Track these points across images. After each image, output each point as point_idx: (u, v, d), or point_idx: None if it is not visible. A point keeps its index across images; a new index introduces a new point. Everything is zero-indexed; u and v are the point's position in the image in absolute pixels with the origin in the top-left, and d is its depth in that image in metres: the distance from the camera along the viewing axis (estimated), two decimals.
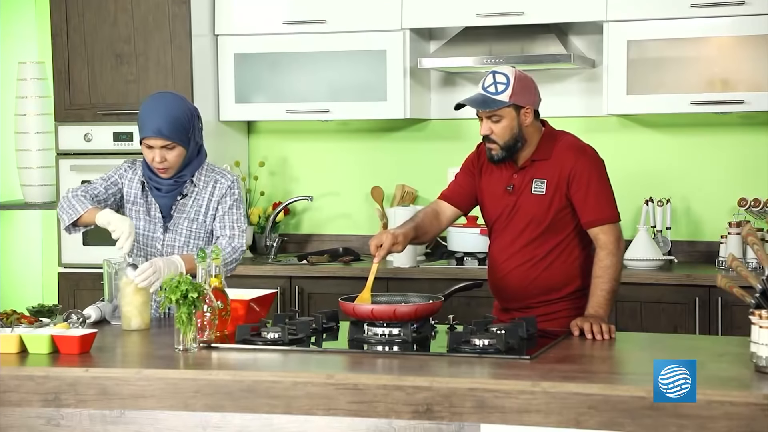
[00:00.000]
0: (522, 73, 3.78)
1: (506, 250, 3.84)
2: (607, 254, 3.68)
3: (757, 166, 5.33)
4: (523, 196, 3.78)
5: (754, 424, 2.71)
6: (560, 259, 3.79)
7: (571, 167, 3.73)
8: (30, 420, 3.17)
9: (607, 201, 3.75)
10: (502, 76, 3.72)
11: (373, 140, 5.88)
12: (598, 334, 3.48)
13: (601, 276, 3.67)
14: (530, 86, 3.77)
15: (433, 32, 5.70)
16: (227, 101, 5.69)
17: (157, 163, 3.91)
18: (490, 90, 3.71)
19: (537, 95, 3.80)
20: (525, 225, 3.79)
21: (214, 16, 5.66)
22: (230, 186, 4.03)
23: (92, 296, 4.56)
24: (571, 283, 3.80)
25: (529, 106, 3.74)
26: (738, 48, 5.09)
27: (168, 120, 3.87)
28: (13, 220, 6.26)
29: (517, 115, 3.73)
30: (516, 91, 3.70)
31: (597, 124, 5.52)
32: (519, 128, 3.73)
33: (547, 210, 3.75)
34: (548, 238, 3.77)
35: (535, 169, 3.78)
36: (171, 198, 4.00)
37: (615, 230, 3.72)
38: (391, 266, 5.32)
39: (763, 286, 3.11)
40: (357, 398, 2.95)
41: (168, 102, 3.95)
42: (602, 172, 3.79)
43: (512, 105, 3.71)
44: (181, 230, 3.99)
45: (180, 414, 3.10)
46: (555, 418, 2.84)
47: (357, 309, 3.51)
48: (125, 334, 3.63)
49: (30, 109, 5.89)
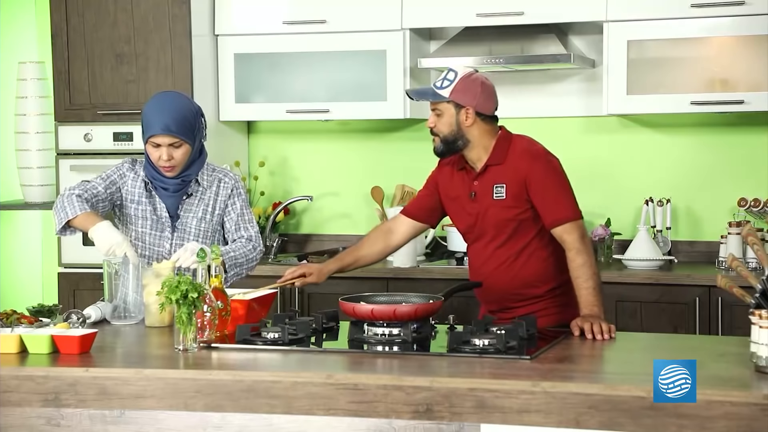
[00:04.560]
0: (476, 76, 3.81)
1: (481, 254, 3.90)
2: (576, 253, 3.70)
3: (757, 166, 5.33)
4: (486, 202, 3.84)
5: (754, 424, 2.71)
6: (534, 257, 3.82)
7: (525, 172, 3.77)
8: (30, 420, 3.17)
9: (565, 200, 3.78)
10: (452, 73, 3.81)
11: (373, 140, 5.88)
12: (598, 333, 3.49)
13: (579, 275, 3.68)
14: (477, 89, 3.78)
15: (433, 32, 5.70)
16: (227, 101, 5.69)
17: (164, 161, 3.90)
18: (437, 84, 3.82)
19: (485, 99, 3.80)
20: (493, 229, 3.84)
21: (214, 16, 5.66)
22: (235, 186, 4.07)
23: (92, 296, 4.56)
24: (548, 280, 3.84)
25: (470, 107, 3.77)
26: (738, 48, 5.08)
27: (175, 117, 3.88)
28: (13, 220, 6.26)
29: (456, 113, 3.79)
30: (457, 90, 3.77)
31: (597, 124, 5.52)
32: (458, 126, 3.79)
33: (509, 214, 3.80)
34: (518, 239, 3.82)
35: (493, 175, 3.82)
36: (177, 197, 4.01)
37: (577, 228, 3.74)
38: (391, 266, 5.32)
39: (763, 286, 3.11)
40: (357, 398, 2.95)
41: (174, 100, 3.97)
42: (557, 173, 3.82)
43: (452, 102, 3.78)
44: (189, 229, 4.00)
45: (180, 414, 3.10)
46: (555, 418, 2.84)
47: (357, 309, 3.52)
48: (125, 334, 3.64)
49: (30, 109, 5.89)
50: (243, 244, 4.03)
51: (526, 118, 5.40)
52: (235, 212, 4.06)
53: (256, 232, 4.09)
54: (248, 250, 4.02)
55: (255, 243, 4.06)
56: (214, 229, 4.05)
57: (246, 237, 4.06)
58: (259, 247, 4.08)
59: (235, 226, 4.06)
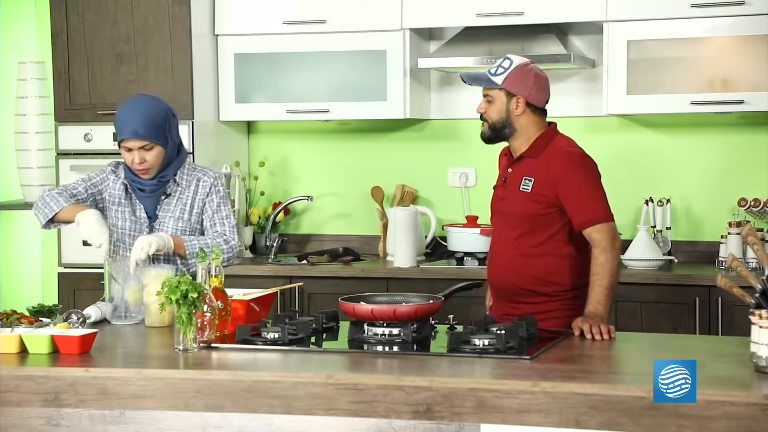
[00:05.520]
0: (531, 67, 3.86)
1: (498, 239, 3.95)
2: (601, 251, 3.70)
3: (757, 166, 5.33)
4: (512, 191, 3.86)
5: (754, 424, 2.71)
6: (549, 254, 3.82)
7: (558, 172, 3.78)
8: (30, 420, 3.17)
9: (598, 203, 3.78)
10: (507, 61, 3.84)
11: (373, 140, 5.88)
12: (597, 334, 3.49)
13: (598, 273, 3.68)
14: (530, 79, 3.82)
15: (433, 32, 5.70)
16: (227, 101, 5.69)
17: (137, 165, 3.95)
18: (491, 71, 3.85)
19: (538, 91, 3.84)
20: (513, 219, 3.86)
21: (214, 16, 5.66)
22: (213, 183, 4.07)
23: (92, 296, 4.55)
24: (561, 281, 3.82)
25: (521, 97, 3.80)
26: (738, 48, 5.08)
27: (143, 120, 3.92)
28: (13, 220, 6.26)
29: (507, 101, 3.81)
30: (511, 78, 3.80)
31: (597, 124, 5.52)
32: (508, 114, 3.82)
33: (531, 208, 3.81)
34: (536, 234, 3.82)
35: (525, 166, 3.85)
36: (155, 198, 4.04)
37: (609, 229, 3.74)
38: (391, 266, 5.32)
39: (763, 286, 3.11)
40: (357, 398, 2.95)
41: (141, 103, 4.01)
42: (592, 176, 3.82)
43: (503, 90, 3.81)
44: (167, 229, 4.01)
45: (180, 414, 3.10)
46: (555, 418, 2.84)
47: (357, 309, 3.52)
48: (125, 334, 3.64)
49: (30, 109, 5.89)
50: (213, 237, 4.00)
51: None
52: (211, 208, 4.05)
53: (231, 227, 4.05)
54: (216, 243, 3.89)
55: (228, 238, 4.01)
56: (192, 228, 4.05)
57: (219, 233, 4.03)
58: (234, 242, 4.01)
59: (210, 222, 4.05)
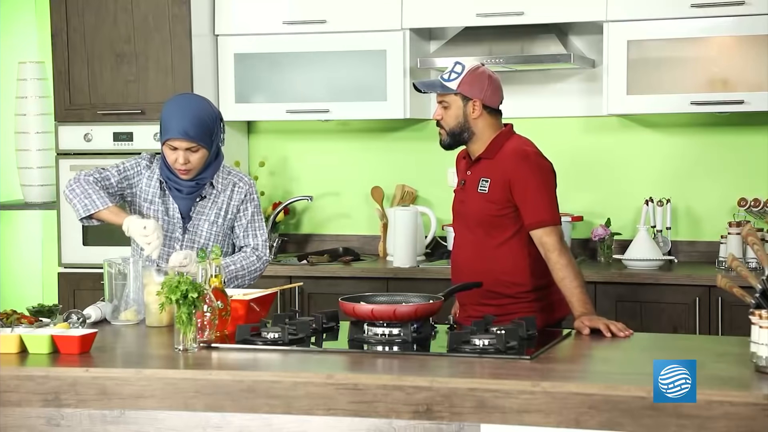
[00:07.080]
0: (483, 70, 3.86)
1: (460, 242, 3.96)
2: (558, 255, 3.71)
3: (757, 166, 5.33)
4: (470, 193, 3.88)
5: (754, 424, 2.71)
6: (508, 255, 3.82)
7: (511, 172, 3.79)
8: (30, 420, 3.17)
9: (546, 205, 3.78)
10: (459, 66, 3.85)
11: (373, 140, 5.88)
12: (618, 332, 3.49)
13: (566, 275, 3.69)
14: (484, 82, 3.83)
15: (433, 32, 5.70)
16: (227, 101, 5.69)
17: (180, 165, 3.89)
18: (444, 77, 3.86)
19: (492, 93, 3.84)
20: (472, 220, 3.88)
21: (214, 16, 5.66)
22: (249, 191, 4.05)
23: (92, 296, 4.55)
24: (522, 281, 3.83)
25: (477, 100, 3.81)
26: (738, 48, 5.08)
27: (194, 122, 3.86)
28: (13, 220, 6.27)
29: (463, 106, 3.83)
30: (465, 82, 3.82)
31: (597, 124, 5.52)
32: (465, 119, 3.83)
33: (489, 209, 3.82)
34: (495, 235, 3.83)
35: (482, 168, 3.86)
36: (191, 200, 4.00)
37: (556, 231, 3.75)
38: (391, 266, 5.32)
39: (763, 286, 3.11)
40: (357, 398, 2.95)
41: (194, 103, 3.95)
42: (543, 177, 3.82)
43: (459, 94, 3.82)
44: (201, 232, 3.99)
45: (180, 414, 3.10)
46: (555, 418, 2.84)
47: (357, 309, 3.51)
48: (125, 334, 3.63)
49: (30, 109, 5.90)
50: (246, 255, 4.01)
51: (526, 118, 5.39)
52: (245, 218, 4.05)
53: (264, 240, 4.06)
54: (250, 262, 4.00)
55: (260, 253, 4.04)
56: (225, 233, 4.04)
57: (252, 246, 4.03)
58: (265, 257, 4.04)
59: (243, 233, 4.05)
